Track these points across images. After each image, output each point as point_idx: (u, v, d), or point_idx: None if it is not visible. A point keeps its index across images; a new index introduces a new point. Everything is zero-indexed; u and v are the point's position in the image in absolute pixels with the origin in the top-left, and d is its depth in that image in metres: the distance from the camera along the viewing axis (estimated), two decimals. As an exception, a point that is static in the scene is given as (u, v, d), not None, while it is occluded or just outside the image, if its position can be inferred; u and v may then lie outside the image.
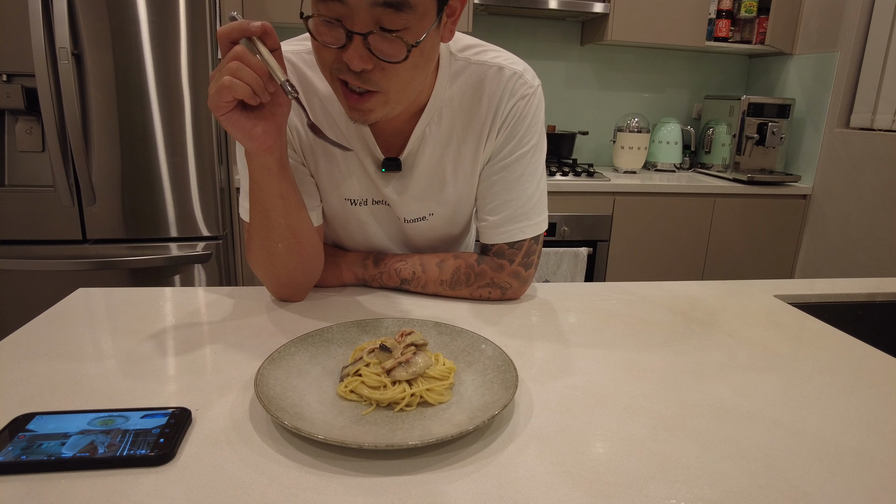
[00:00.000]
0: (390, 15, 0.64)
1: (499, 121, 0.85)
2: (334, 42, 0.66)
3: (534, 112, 0.86)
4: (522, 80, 0.84)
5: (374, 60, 0.66)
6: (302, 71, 0.83)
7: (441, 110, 0.84)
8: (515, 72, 0.84)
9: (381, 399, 0.58)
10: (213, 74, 0.67)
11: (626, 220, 2.41)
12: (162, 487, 0.46)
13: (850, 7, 2.36)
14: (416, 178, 0.88)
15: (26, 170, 1.88)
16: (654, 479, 0.50)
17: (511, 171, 0.87)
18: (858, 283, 1.08)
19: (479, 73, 0.84)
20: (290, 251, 0.81)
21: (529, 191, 0.88)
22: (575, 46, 2.76)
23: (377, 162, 0.87)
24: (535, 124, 0.87)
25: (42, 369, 0.64)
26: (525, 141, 0.86)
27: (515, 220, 0.88)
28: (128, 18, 1.77)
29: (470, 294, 0.90)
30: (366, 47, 0.65)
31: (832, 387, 0.68)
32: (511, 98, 0.84)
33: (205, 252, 1.99)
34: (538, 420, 0.58)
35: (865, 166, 2.31)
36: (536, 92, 0.86)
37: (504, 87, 0.84)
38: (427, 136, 0.85)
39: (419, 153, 0.86)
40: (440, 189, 0.89)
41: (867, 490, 0.50)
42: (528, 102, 0.85)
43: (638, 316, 0.87)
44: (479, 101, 0.84)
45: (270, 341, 0.73)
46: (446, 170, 0.88)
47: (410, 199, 0.89)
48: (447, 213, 0.92)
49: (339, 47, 0.66)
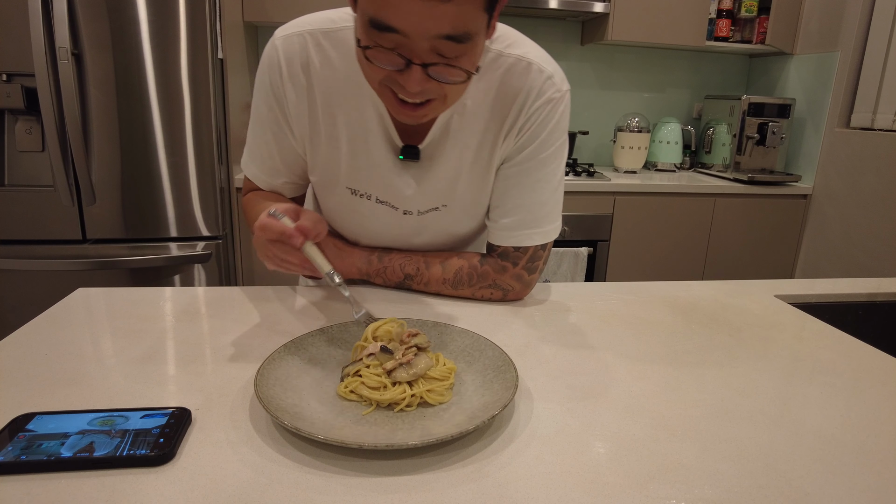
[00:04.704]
0: (451, 46, 0.62)
1: (521, 119, 0.82)
2: (392, 67, 0.65)
3: (558, 117, 0.83)
4: (552, 82, 0.81)
5: (432, 80, 0.66)
6: (328, 52, 0.80)
7: (466, 101, 0.81)
8: (545, 71, 0.81)
9: (381, 400, 0.58)
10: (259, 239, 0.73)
11: (627, 220, 2.41)
12: (162, 487, 0.46)
13: (850, 7, 2.35)
14: (433, 168, 0.85)
15: (26, 170, 1.88)
16: (654, 479, 0.50)
17: (527, 175, 0.85)
18: (859, 283, 1.08)
19: (507, 66, 0.80)
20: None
21: (543, 197, 0.86)
22: (575, 46, 2.76)
23: (395, 150, 0.84)
24: (558, 130, 0.84)
25: (42, 369, 0.64)
26: (546, 146, 0.84)
27: (525, 226, 0.87)
28: (128, 18, 1.77)
29: (472, 294, 0.90)
30: (425, 73, 0.64)
31: (832, 387, 0.68)
32: (538, 99, 0.81)
33: (205, 252, 1.99)
34: (538, 420, 0.58)
35: (866, 166, 2.31)
36: (564, 97, 0.83)
37: (531, 86, 0.80)
38: (449, 127, 0.82)
39: (440, 143, 0.83)
40: (455, 181, 0.86)
41: (867, 490, 0.50)
42: (555, 107, 0.82)
43: (638, 316, 0.87)
44: (505, 95, 0.81)
45: (270, 341, 0.73)
46: (464, 162, 0.85)
47: (425, 190, 0.87)
48: (460, 206, 0.89)
49: (397, 70, 0.65)
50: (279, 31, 0.81)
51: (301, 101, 0.81)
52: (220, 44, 1.92)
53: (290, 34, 0.80)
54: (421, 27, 0.60)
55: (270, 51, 0.81)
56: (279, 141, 0.85)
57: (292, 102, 0.81)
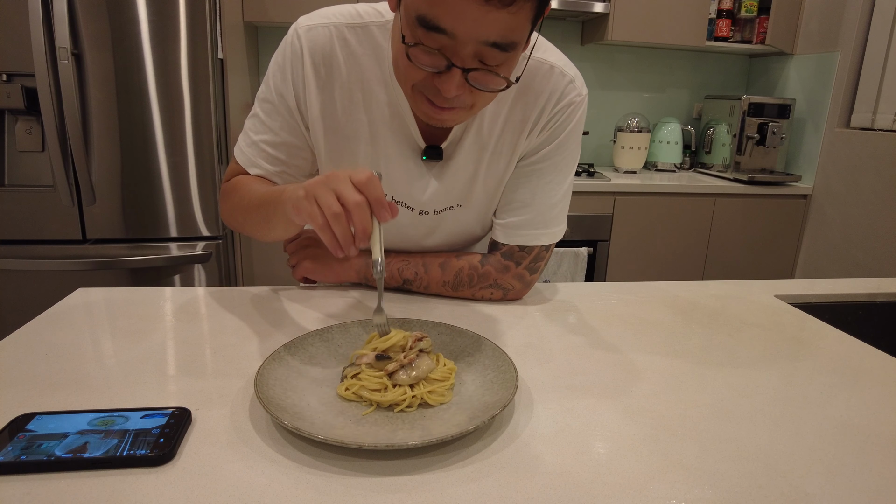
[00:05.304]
0: (495, 53, 0.62)
1: (542, 121, 0.83)
2: (433, 68, 0.64)
3: (576, 121, 0.84)
4: (573, 86, 0.82)
5: (468, 87, 0.65)
6: (353, 47, 0.79)
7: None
8: (567, 75, 0.82)
9: (381, 401, 0.58)
10: (330, 179, 0.60)
11: (627, 220, 2.41)
12: (162, 487, 0.46)
13: (850, 7, 2.35)
14: (452, 168, 0.85)
15: (26, 170, 1.88)
16: (654, 479, 0.50)
17: (540, 176, 0.86)
18: (859, 283, 1.08)
19: (531, 68, 0.80)
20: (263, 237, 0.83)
21: (554, 199, 0.87)
22: (575, 46, 2.76)
23: (417, 150, 0.84)
24: (574, 133, 0.85)
25: (42, 369, 0.64)
26: (562, 148, 0.84)
27: (533, 227, 0.87)
28: (128, 18, 1.77)
29: (472, 295, 0.90)
30: (464, 78, 0.64)
31: (832, 387, 0.68)
32: (559, 101, 0.82)
33: (205, 252, 1.99)
34: (538, 420, 0.58)
35: (866, 166, 2.31)
36: (584, 101, 0.84)
37: (553, 88, 0.81)
38: (470, 127, 0.83)
39: (460, 143, 0.83)
40: (472, 181, 0.86)
41: (867, 490, 0.50)
42: (574, 111, 0.83)
43: (638, 316, 0.87)
44: (526, 97, 0.81)
45: (270, 341, 0.73)
46: (482, 161, 0.85)
47: (443, 190, 0.87)
48: (475, 206, 0.89)
49: (435, 72, 0.65)
50: (304, 20, 0.79)
51: (320, 95, 0.80)
52: (220, 44, 1.92)
53: (316, 24, 0.78)
54: (472, 31, 0.60)
55: (293, 40, 0.79)
56: (290, 129, 0.83)
57: (311, 94, 0.80)
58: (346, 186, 0.59)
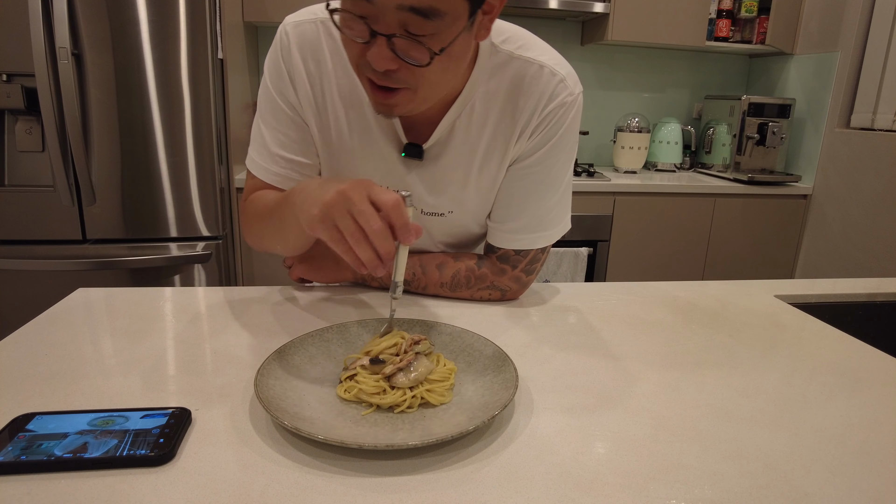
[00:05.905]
0: (418, 21, 0.61)
1: (533, 123, 0.80)
2: (359, 37, 0.64)
3: (570, 121, 0.81)
4: (564, 85, 0.79)
5: (399, 61, 0.64)
6: (338, 42, 0.79)
7: (475, 103, 0.80)
8: (557, 74, 0.79)
9: (381, 403, 0.58)
10: (346, 198, 0.58)
11: (627, 220, 2.41)
12: (162, 487, 0.46)
13: (850, 7, 2.35)
14: (439, 170, 0.84)
15: (26, 170, 1.88)
16: (654, 479, 0.50)
17: (534, 180, 0.84)
18: (859, 283, 1.08)
19: (519, 69, 0.79)
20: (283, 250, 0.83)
21: (549, 203, 0.85)
22: (575, 46, 2.76)
23: (400, 147, 0.83)
24: (568, 134, 0.82)
25: (42, 369, 0.64)
26: (556, 150, 0.82)
27: (528, 230, 0.86)
28: (128, 18, 1.77)
29: (470, 295, 0.90)
30: (390, 48, 0.63)
31: (832, 387, 0.68)
32: (550, 102, 0.79)
33: (205, 252, 1.99)
34: (538, 420, 0.58)
35: (866, 166, 2.31)
36: (577, 100, 0.81)
37: (544, 89, 0.79)
38: (456, 128, 0.81)
39: (446, 144, 0.82)
40: (464, 185, 0.85)
41: (867, 490, 0.50)
42: (567, 111, 0.80)
43: (638, 316, 0.87)
44: (516, 99, 0.80)
45: (270, 341, 0.73)
46: (472, 165, 0.84)
47: (431, 192, 0.86)
48: (467, 210, 0.88)
49: (363, 42, 0.64)
50: (290, 18, 0.80)
51: (311, 89, 0.81)
52: (220, 44, 1.92)
53: (302, 20, 0.79)
54: None
55: (282, 38, 0.80)
56: (298, 126, 0.83)
57: (303, 91, 0.81)
58: (364, 210, 0.57)
